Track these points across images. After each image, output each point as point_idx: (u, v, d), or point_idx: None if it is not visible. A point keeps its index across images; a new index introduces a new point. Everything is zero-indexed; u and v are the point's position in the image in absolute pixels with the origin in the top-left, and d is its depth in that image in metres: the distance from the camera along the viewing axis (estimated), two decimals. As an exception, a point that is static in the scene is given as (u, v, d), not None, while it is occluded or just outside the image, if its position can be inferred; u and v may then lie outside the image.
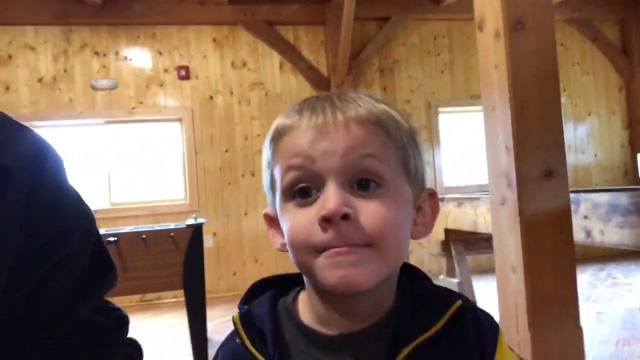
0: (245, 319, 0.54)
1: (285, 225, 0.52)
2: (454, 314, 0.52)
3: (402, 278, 0.56)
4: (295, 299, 0.57)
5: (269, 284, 0.59)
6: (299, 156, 0.51)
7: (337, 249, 0.48)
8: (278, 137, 0.53)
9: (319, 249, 0.49)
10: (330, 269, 0.48)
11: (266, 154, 0.56)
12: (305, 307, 0.55)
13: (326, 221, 0.48)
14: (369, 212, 0.49)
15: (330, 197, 0.48)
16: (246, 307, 0.56)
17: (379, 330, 0.52)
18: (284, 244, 0.55)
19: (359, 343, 0.52)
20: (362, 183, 0.50)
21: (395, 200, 0.51)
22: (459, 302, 0.53)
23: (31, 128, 0.55)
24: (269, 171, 0.56)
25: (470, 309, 0.55)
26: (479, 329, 0.54)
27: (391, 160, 0.52)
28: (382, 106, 0.54)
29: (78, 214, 0.57)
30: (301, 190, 0.51)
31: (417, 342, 0.50)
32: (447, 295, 0.55)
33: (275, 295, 0.57)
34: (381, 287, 0.52)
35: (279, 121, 0.55)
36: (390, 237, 0.49)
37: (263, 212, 0.59)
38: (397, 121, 0.54)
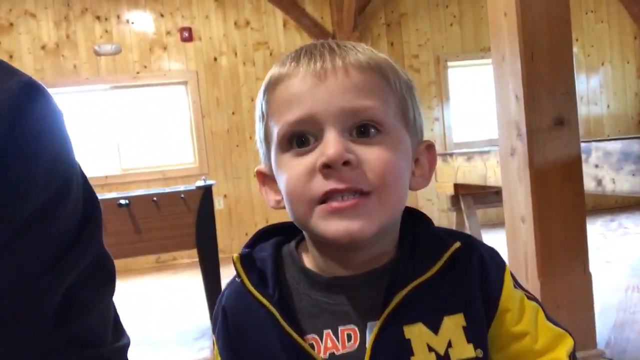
0: (245, 260, 0.55)
1: (282, 178, 0.51)
2: (453, 256, 0.52)
3: (403, 225, 0.55)
4: (299, 244, 0.57)
5: (274, 230, 0.60)
6: (296, 104, 0.49)
7: (338, 203, 0.47)
8: (273, 86, 0.52)
9: (320, 199, 0.48)
10: (331, 221, 0.48)
11: (259, 105, 0.54)
12: (307, 253, 0.56)
13: (327, 168, 0.47)
14: (371, 157, 0.48)
15: (331, 144, 0.47)
16: (247, 250, 0.57)
17: (377, 276, 0.52)
18: (278, 201, 0.55)
19: (357, 286, 0.52)
20: (361, 130, 0.49)
21: (395, 147, 0.50)
22: (457, 245, 0.52)
23: (30, 76, 0.53)
24: (262, 124, 0.54)
25: (474, 248, 0.54)
26: (484, 269, 0.53)
27: (391, 108, 0.51)
28: (382, 55, 0.53)
29: (56, 171, 0.51)
30: (298, 139, 0.50)
31: (411, 285, 0.50)
32: (446, 237, 0.54)
33: (280, 242, 0.58)
34: (382, 239, 0.52)
35: (273, 71, 0.53)
36: (392, 184, 0.49)
37: (255, 170, 0.58)
38: (396, 70, 0.53)
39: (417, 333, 0.49)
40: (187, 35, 4.69)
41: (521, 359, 0.55)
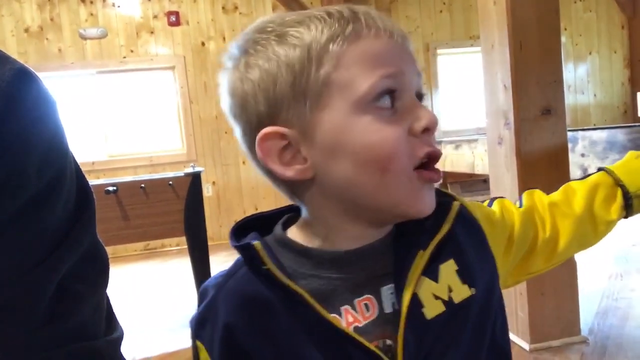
0: (249, 252, 0.51)
1: (363, 140, 0.46)
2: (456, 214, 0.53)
3: None
4: (284, 231, 0.55)
5: (246, 225, 0.56)
6: (386, 61, 0.47)
7: (434, 172, 0.49)
8: (353, 39, 0.47)
9: (419, 161, 0.48)
10: (424, 192, 0.49)
11: (303, 56, 0.47)
12: (304, 235, 0.53)
13: (426, 132, 0.48)
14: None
15: (424, 109, 0.49)
16: (246, 242, 0.53)
17: (387, 243, 0.52)
18: (303, 170, 0.49)
19: (369, 255, 0.51)
20: (419, 96, 0.51)
21: None
22: (458, 204, 0.54)
23: (22, 63, 0.51)
24: (302, 80, 0.47)
25: (466, 203, 0.57)
26: (466, 221, 0.55)
27: None
28: None
29: (49, 160, 0.49)
30: (383, 99, 0.47)
31: (434, 243, 0.50)
32: (443, 196, 0.55)
33: (260, 234, 0.54)
34: None
35: (335, 28, 0.47)
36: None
37: (264, 133, 0.48)
38: None
39: (422, 285, 0.50)
40: (175, 19, 4.62)
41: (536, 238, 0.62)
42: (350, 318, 0.50)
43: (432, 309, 0.49)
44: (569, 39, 5.36)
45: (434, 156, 0.49)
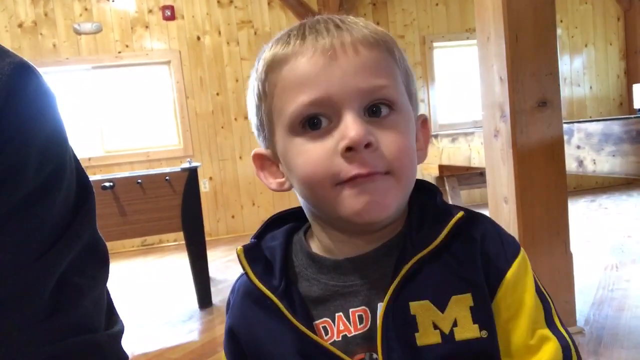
0: (250, 252, 0.54)
1: (294, 162, 0.50)
2: (456, 227, 0.50)
3: (412, 198, 0.54)
4: (307, 230, 0.57)
5: (286, 217, 0.59)
6: (309, 84, 0.47)
7: (363, 177, 0.47)
8: (278, 65, 0.49)
9: (341, 181, 0.47)
10: (355, 197, 0.47)
11: (257, 86, 0.52)
12: (314, 239, 0.56)
13: (349, 151, 0.46)
14: (387, 139, 0.48)
15: (352, 126, 0.46)
16: (254, 240, 0.56)
17: (386, 253, 0.51)
18: (281, 183, 0.54)
19: (366, 265, 0.52)
20: (372, 110, 0.48)
21: (407, 125, 0.50)
22: (460, 214, 0.51)
23: (22, 57, 0.51)
24: (262, 106, 0.52)
25: (478, 221, 0.53)
26: (485, 242, 0.51)
27: (399, 84, 0.50)
28: (380, 28, 0.52)
29: (49, 154, 0.49)
30: (310, 122, 0.48)
31: (415, 258, 0.49)
32: (451, 208, 0.53)
33: (293, 229, 0.57)
34: (394, 217, 0.52)
35: (273, 51, 0.50)
36: (407, 163, 0.49)
37: (253, 153, 0.56)
38: (397, 43, 0.53)
39: (423, 310, 0.48)
40: (170, 13, 4.59)
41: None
42: (342, 326, 0.51)
43: (426, 337, 0.48)
44: (565, 31, 5.36)
45: (359, 177, 0.47)
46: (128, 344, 0.65)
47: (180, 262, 3.63)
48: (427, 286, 0.49)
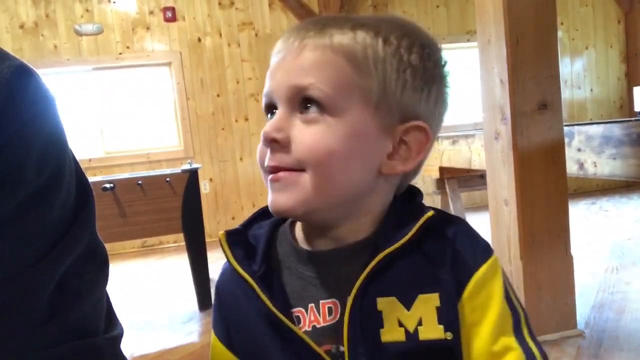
0: (233, 237, 0.56)
1: None
2: (430, 226, 0.50)
3: (395, 198, 0.55)
4: (293, 222, 0.59)
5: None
6: (268, 79, 0.53)
7: (271, 175, 0.50)
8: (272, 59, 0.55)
9: (266, 170, 0.52)
10: (269, 189, 0.51)
11: None
12: (298, 229, 0.58)
13: (268, 144, 0.50)
14: (302, 137, 0.49)
15: (269, 122, 0.51)
16: (239, 227, 0.59)
17: (360, 248, 0.52)
18: None
19: (340, 259, 0.53)
20: (305, 107, 0.50)
21: (337, 129, 0.48)
22: (430, 213, 0.50)
23: (22, 60, 0.51)
24: None
25: (452, 222, 0.52)
26: (459, 245, 0.51)
27: (344, 89, 0.49)
28: (362, 34, 0.50)
29: (48, 157, 0.49)
30: (269, 111, 0.53)
31: (382, 254, 0.49)
32: (425, 208, 0.53)
33: (279, 221, 0.59)
34: (348, 219, 0.52)
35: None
36: (324, 165, 0.48)
37: None
38: (379, 48, 0.50)
39: (389, 306, 0.49)
40: (171, 15, 4.60)
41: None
42: (312, 317, 0.52)
43: (390, 334, 0.49)
44: (566, 33, 5.36)
45: (268, 169, 0.51)
46: (128, 345, 0.65)
47: (180, 264, 3.63)
48: (395, 283, 0.50)
